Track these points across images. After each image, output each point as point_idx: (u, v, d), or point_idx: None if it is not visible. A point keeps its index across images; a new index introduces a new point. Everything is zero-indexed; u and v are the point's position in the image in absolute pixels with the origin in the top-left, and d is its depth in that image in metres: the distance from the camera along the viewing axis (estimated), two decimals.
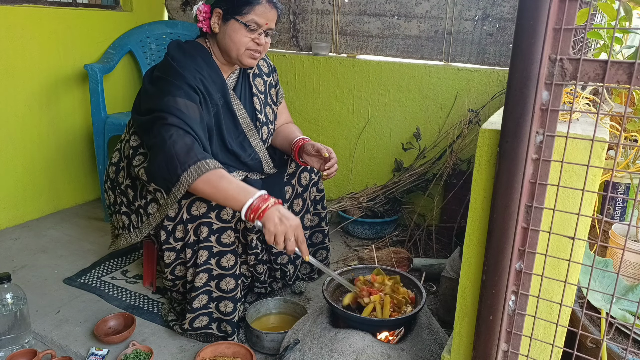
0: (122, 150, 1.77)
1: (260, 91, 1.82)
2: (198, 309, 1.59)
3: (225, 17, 1.58)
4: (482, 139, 0.91)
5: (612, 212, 1.25)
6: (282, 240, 1.38)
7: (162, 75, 1.57)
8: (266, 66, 1.88)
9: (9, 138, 2.43)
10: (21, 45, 2.39)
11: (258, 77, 1.83)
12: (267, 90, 1.86)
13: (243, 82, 1.77)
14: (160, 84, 1.56)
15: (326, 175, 1.77)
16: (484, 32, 2.34)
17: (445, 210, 2.44)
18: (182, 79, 1.54)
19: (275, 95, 1.91)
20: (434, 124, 2.50)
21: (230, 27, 1.58)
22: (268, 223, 1.38)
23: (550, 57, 0.74)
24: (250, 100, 1.78)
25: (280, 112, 1.95)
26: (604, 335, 0.88)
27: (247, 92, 1.78)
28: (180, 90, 1.52)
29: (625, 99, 1.44)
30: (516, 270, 0.86)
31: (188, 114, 1.49)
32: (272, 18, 1.61)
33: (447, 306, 1.74)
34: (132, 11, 2.91)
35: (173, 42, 1.67)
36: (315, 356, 1.35)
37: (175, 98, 1.50)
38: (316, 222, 1.97)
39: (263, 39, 1.61)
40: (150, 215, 1.63)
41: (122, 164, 1.75)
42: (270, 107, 1.86)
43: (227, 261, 1.57)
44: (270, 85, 1.88)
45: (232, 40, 1.59)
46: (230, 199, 1.42)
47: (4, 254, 2.25)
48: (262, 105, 1.81)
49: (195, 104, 1.53)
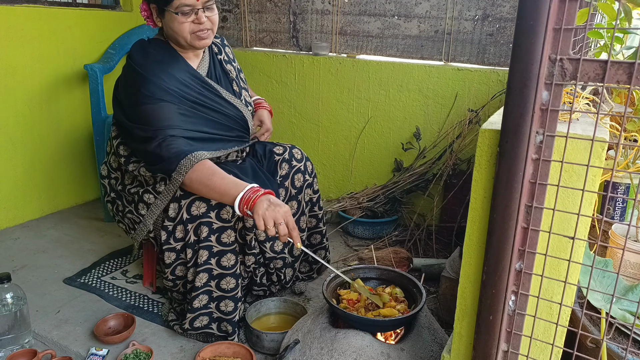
0: (108, 163, 1.83)
1: (235, 77, 1.84)
2: (198, 308, 1.59)
3: (160, 11, 1.59)
4: (482, 139, 0.91)
5: (612, 212, 1.25)
6: (271, 224, 1.39)
7: (129, 82, 1.60)
8: (230, 53, 1.90)
9: (9, 138, 2.43)
10: (21, 45, 2.39)
11: (228, 63, 1.84)
12: (238, 75, 1.88)
13: (215, 68, 1.78)
14: (129, 93, 1.60)
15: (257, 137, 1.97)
16: (484, 32, 2.34)
17: (445, 210, 2.44)
18: (147, 83, 1.56)
19: (244, 79, 1.94)
20: (434, 124, 2.50)
21: (168, 19, 1.58)
22: (257, 208, 1.40)
23: (550, 57, 0.74)
24: (229, 85, 1.80)
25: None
26: (604, 335, 0.88)
27: (224, 78, 1.80)
28: (148, 97, 1.55)
29: (625, 99, 1.44)
30: (516, 270, 0.86)
31: (164, 117, 1.54)
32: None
33: (447, 306, 1.74)
34: (132, 11, 2.91)
35: (136, 45, 1.67)
36: (315, 356, 1.35)
37: (146, 106, 1.55)
38: (314, 223, 1.97)
39: (203, 16, 1.58)
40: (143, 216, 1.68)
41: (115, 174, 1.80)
42: (245, 90, 1.89)
43: (228, 260, 1.57)
44: (238, 70, 1.90)
45: (174, 30, 1.59)
46: (224, 195, 1.46)
47: (4, 254, 2.25)
48: (239, 88, 1.84)
49: (167, 102, 1.56)
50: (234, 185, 1.47)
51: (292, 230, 1.42)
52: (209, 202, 1.53)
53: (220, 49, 1.84)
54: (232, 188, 1.46)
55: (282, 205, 1.42)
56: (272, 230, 1.40)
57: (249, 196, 1.43)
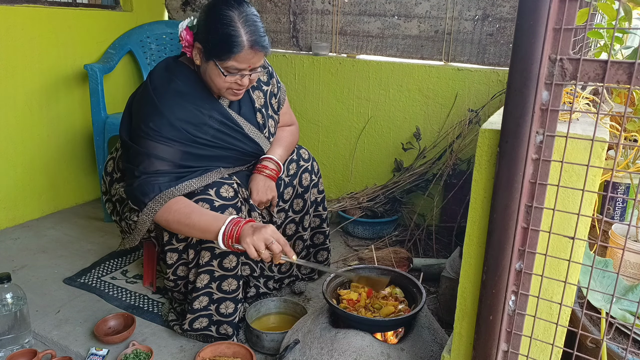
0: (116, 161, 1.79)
1: (262, 104, 1.74)
2: (198, 310, 1.59)
3: (206, 55, 1.48)
4: (482, 139, 0.91)
5: (612, 212, 1.25)
6: (263, 247, 1.35)
7: (142, 106, 1.54)
8: (264, 74, 1.76)
9: (9, 138, 2.43)
10: (21, 45, 2.39)
11: (257, 89, 1.73)
12: (268, 101, 1.77)
13: (243, 99, 1.67)
14: (139, 117, 1.54)
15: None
16: (484, 32, 2.34)
17: (445, 210, 2.44)
18: (158, 117, 1.49)
19: (277, 102, 1.82)
20: (434, 124, 2.50)
21: (210, 68, 1.48)
22: (244, 238, 1.36)
23: (550, 57, 0.74)
24: (252, 115, 1.70)
25: (283, 113, 1.87)
26: (604, 335, 0.88)
27: (248, 107, 1.69)
28: (154, 131, 1.48)
29: (625, 99, 1.44)
30: (516, 270, 0.86)
31: (157, 162, 1.48)
32: (256, 61, 1.48)
33: (447, 306, 1.74)
34: (132, 11, 2.91)
35: (160, 66, 1.59)
36: (315, 356, 1.35)
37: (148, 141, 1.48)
38: (317, 223, 1.97)
39: (247, 80, 1.51)
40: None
41: (116, 175, 1.79)
42: (272, 118, 1.79)
43: (229, 262, 1.57)
44: (270, 95, 1.78)
45: (212, 80, 1.51)
46: (206, 232, 1.42)
47: (4, 254, 2.25)
48: (265, 119, 1.74)
49: (171, 144, 1.49)
50: (214, 220, 1.42)
51: (284, 245, 1.38)
52: (212, 203, 1.52)
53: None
54: (213, 223, 1.40)
55: (267, 226, 1.38)
56: (266, 254, 1.36)
57: (231, 230, 1.38)
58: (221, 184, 1.55)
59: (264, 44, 1.46)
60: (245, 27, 1.43)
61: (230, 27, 1.42)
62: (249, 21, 1.44)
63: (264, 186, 1.69)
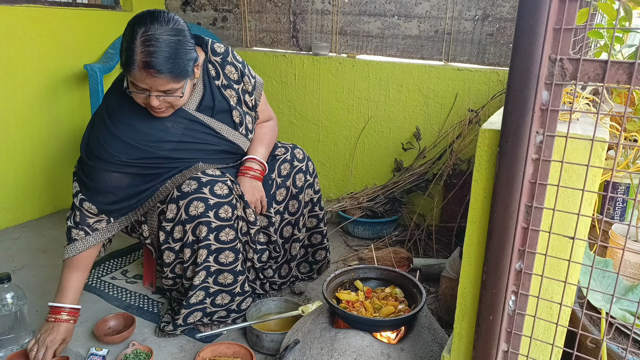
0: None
1: (236, 102, 1.70)
2: (194, 304, 1.61)
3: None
4: (482, 139, 0.91)
5: (612, 212, 1.25)
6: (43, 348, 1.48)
7: (95, 126, 1.56)
8: (234, 72, 1.69)
9: (9, 138, 2.43)
10: (21, 45, 2.39)
11: (228, 88, 1.68)
12: (242, 98, 1.72)
13: (214, 96, 1.64)
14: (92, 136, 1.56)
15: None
16: (484, 32, 2.34)
17: (445, 210, 2.44)
18: (111, 141, 1.51)
19: (253, 100, 1.75)
20: (434, 124, 2.50)
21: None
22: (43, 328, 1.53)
23: (550, 57, 0.74)
24: (228, 114, 1.68)
25: (261, 110, 1.82)
26: (604, 335, 0.88)
27: (221, 108, 1.66)
28: (105, 160, 1.51)
29: (625, 99, 1.44)
30: (516, 270, 0.86)
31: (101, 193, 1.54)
32: (156, 84, 1.40)
33: (447, 306, 1.74)
34: (132, 11, 2.91)
35: (116, 83, 1.58)
36: (315, 356, 1.35)
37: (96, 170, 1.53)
38: (314, 223, 1.97)
39: (155, 101, 1.44)
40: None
41: None
42: (249, 114, 1.75)
43: (225, 258, 1.59)
44: (243, 92, 1.72)
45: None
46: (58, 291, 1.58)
47: (4, 254, 2.25)
48: (242, 116, 1.70)
49: (120, 173, 1.53)
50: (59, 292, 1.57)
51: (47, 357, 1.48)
52: (207, 202, 1.53)
53: (218, 72, 1.66)
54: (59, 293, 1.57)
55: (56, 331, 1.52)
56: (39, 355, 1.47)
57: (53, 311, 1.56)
58: (215, 182, 1.55)
59: (158, 67, 1.36)
60: (142, 47, 1.36)
61: (130, 44, 1.37)
62: (150, 41, 1.36)
63: (251, 187, 1.69)
